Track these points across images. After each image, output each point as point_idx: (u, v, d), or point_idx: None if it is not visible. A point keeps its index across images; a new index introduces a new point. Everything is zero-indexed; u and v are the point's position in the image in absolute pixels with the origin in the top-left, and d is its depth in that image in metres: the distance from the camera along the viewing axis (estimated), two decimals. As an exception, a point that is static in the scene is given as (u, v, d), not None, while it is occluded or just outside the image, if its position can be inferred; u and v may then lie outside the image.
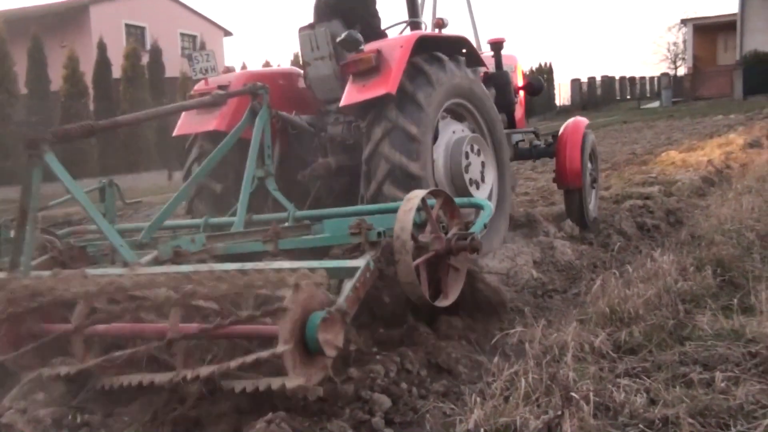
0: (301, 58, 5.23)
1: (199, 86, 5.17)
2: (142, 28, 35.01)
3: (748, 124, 18.25)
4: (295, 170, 4.85)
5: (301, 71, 5.45)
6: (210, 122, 4.83)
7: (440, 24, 5.14)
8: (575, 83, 42.35)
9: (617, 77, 46.90)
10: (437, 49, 4.72)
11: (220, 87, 4.77)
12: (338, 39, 4.60)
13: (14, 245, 3.42)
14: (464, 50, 5.08)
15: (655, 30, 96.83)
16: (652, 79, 50.00)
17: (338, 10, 5.04)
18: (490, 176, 5.13)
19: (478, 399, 2.59)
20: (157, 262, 3.50)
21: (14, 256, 3.39)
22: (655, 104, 39.16)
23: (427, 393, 2.96)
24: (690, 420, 2.34)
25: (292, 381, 2.46)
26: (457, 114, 5.09)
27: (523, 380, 2.64)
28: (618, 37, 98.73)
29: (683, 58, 49.44)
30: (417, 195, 3.37)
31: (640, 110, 34.26)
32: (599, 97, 43.12)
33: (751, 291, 3.78)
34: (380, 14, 5.35)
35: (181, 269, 3.15)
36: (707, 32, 43.66)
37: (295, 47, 64.04)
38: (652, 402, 2.55)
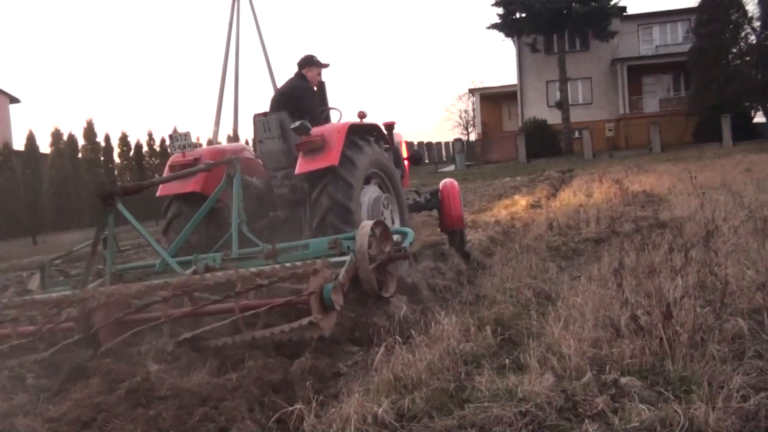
0: (253, 137, 6.99)
1: (176, 158, 6.48)
2: None
3: (531, 185, 19.73)
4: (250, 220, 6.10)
5: (246, 145, 7.62)
6: (187, 186, 6.24)
7: (362, 115, 6.77)
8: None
9: (416, 143, 49.24)
10: (361, 132, 6.42)
11: (195, 159, 6.34)
12: (292, 126, 6.07)
13: (84, 272, 4.99)
14: (375, 133, 6.82)
15: (447, 99, 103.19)
16: (447, 144, 53.02)
17: (285, 103, 6.78)
18: (397, 223, 6.89)
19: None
20: (195, 273, 4.88)
21: (84, 278, 4.94)
22: (451, 168, 41.40)
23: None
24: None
25: (316, 317, 4.00)
26: (373, 179, 6.74)
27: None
28: (414, 106, 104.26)
29: (473, 125, 53.07)
30: (368, 224, 5.00)
31: (437, 174, 36.01)
32: (400, 161, 44.85)
33: (526, 349, 3.95)
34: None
35: (228, 273, 4.46)
36: (493, 101, 47.38)
37: (87, 114, 61.49)
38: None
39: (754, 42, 37.64)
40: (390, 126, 7.63)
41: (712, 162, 20.04)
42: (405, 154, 8.26)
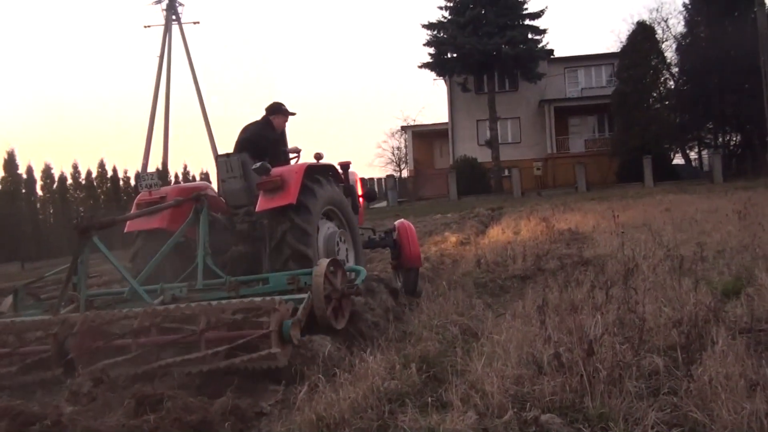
0: (216, 177, 7.40)
1: (143, 196, 6.86)
2: None
3: (461, 222, 19.93)
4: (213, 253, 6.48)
5: (209, 183, 7.87)
6: (153, 222, 6.57)
7: (319, 156, 7.29)
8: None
9: (349, 179, 49.24)
10: (318, 173, 6.85)
11: (161, 198, 6.70)
12: (253, 167, 6.48)
13: (58, 298, 5.23)
14: (331, 173, 7.30)
15: (380, 135, 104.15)
16: (379, 180, 53.30)
17: (247, 146, 7.20)
18: (351, 257, 7.35)
19: None
20: (162, 303, 5.27)
21: (58, 304, 5.15)
22: (383, 204, 41.55)
23: None
24: None
25: (275, 349, 4.37)
26: (329, 216, 7.19)
27: None
28: (347, 142, 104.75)
29: (406, 162, 53.58)
30: (324, 262, 5.40)
31: (369, 210, 36.08)
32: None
33: (450, 386, 3.95)
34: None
35: (191, 305, 4.78)
36: (425, 138, 48.02)
37: (8, 144, 59.87)
38: None
39: (672, 87, 39.47)
40: (345, 165, 8.04)
41: (635, 201, 20.70)
42: (360, 192, 8.65)
